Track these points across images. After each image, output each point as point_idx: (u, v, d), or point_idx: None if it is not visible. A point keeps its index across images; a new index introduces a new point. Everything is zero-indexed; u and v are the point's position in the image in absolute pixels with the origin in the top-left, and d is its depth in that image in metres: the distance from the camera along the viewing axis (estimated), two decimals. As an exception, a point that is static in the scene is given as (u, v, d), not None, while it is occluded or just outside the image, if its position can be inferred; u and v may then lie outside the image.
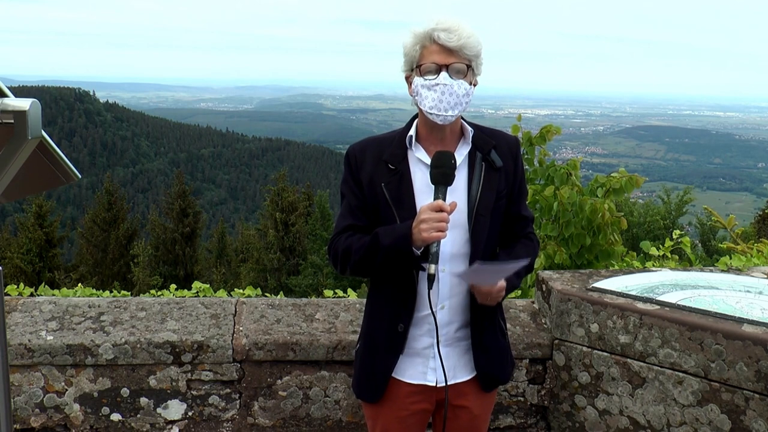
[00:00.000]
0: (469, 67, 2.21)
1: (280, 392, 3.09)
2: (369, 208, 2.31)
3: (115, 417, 3.03)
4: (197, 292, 3.83)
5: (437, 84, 2.16)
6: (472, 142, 2.31)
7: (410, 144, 2.30)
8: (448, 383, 2.33)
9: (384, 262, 2.22)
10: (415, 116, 2.36)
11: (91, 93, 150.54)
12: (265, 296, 3.68)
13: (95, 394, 3.01)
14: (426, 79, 2.18)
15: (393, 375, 2.36)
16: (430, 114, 2.19)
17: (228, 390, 3.08)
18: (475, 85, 2.25)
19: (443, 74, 2.16)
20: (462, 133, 2.34)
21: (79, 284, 4.05)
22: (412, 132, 2.31)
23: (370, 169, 2.29)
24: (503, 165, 2.32)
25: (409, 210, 2.23)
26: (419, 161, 2.29)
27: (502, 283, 2.22)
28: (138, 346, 2.98)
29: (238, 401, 3.09)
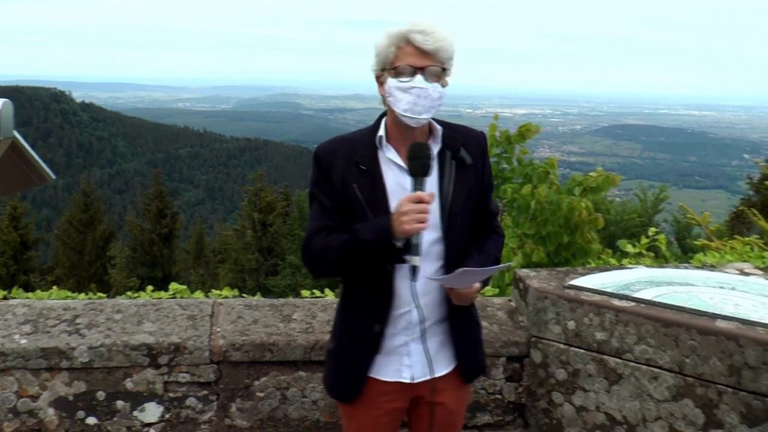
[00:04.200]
0: (443, 69, 2.22)
1: (257, 393, 3.08)
2: (342, 209, 2.30)
3: (91, 421, 3.00)
4: (174, 294, 3.81)
5: (413, 87, 2.16)
6: (441, 140, 2.31)
7: (380, 144, 2.31)
8: (424, 379, 2.35)
9: (365, 257, 2.22)
10: (383, 115, 2.36)
11: (67, 93, 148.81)
12: (243, 297, 3.67)
13: (70, 398, 2.97)
14: (401, 81, 2.18)
15: (368, 374, 2.36)
16: (404, 116, 2.20)
17: (205, 391, 3.06)
18: (445, 87, 2.26)
19: (419, 77, 2.17)
20: (431, 131, 2.35)
21: (54, 287, 4.00)
22: (381, 132, 2.31)
23: (341, 170, 2.29)
24: (473, 161, 2.33)
25: (382, 210, 2.24)
26: (390, 161, 2.29)
27: (477, 284, 2.26)
28: (114, 348, 2.95)
29: (215, 403, 3.07)
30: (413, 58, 2.17)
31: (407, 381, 2.36)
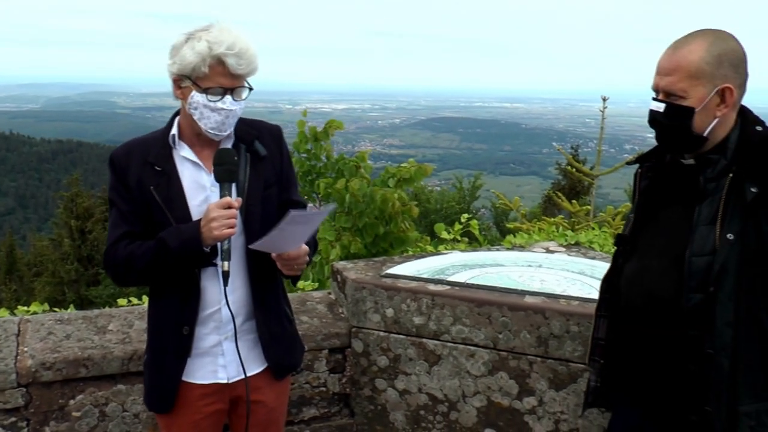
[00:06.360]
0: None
1: (73, 413, 2.91)
2: (142, 213, 2.24)
3: None
4: (-27, 315, 3.50)
5: (222, 108, 2.16)
6: (234, 134, 2.31)
7: (174, 143, 2.27)
8: (240, 378, 2.32)
9: (174, 265, 2.18)
10: (177, 113, 2.32)
11: None
12: (54, 311, 3.45)
13: None
14: (210, 100, 2.15)
15: (183, 378, 2.31)
16: (210, 133, 2.20)
17: (13, 418, 2.83)
18: None
19: (228, 99, 2.16)
20: None
21: None
22: (174, 131, 2.28)
23: (137, 172, 2.24)
24: (268, 153, 2.35)
25: (181, 210, 2.21)
26: (185, 159, 2.27)
27: (305, 247, 2.25)
28: None
29: (26, 429, 2.85)
30: (224, 80, 2.15)
31: (224, 381, 2.34)
